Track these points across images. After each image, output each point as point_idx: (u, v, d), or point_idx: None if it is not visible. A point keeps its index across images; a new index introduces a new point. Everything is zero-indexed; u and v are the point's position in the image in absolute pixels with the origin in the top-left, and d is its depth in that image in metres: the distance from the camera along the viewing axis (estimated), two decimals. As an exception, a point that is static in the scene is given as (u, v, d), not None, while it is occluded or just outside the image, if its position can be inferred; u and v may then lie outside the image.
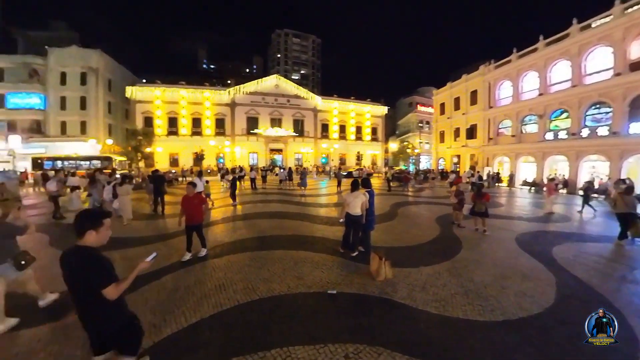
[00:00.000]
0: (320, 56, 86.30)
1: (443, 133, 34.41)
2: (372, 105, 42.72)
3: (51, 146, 29.90)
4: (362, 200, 5.27)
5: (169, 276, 4.51)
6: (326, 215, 9.34)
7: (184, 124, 34.90)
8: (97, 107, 32.24)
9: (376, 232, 7.32)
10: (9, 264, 3.28)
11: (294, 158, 39.27)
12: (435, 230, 7.55)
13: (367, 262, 4.85)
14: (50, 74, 31.16)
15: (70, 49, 31.85)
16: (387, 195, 15.16)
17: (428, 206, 11.86)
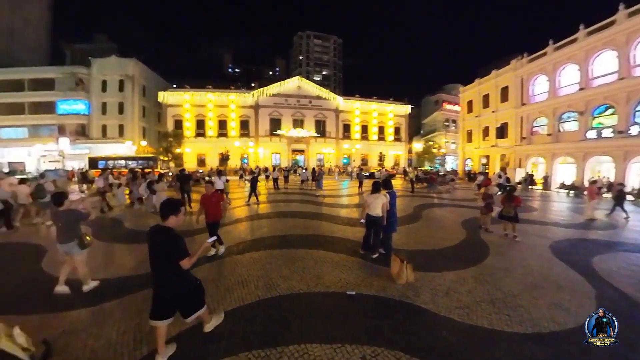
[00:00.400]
0: (341, 56, 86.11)
1: (470, 132, 32.83)
2: (395, 105, 41.84)
3: (94, 147, 32.81)
4: (383, 202, 5.21)
5: (196, 269, 4.73)
6: (347, 216, 9.30)
7: (210, 126, 36.44)
8: (133, 112, 34.82)
9: (398, 234, 7.16)
10: (75, 242, 3.93)
11: (315, 158, 39.45)
12: (460, 234, 7.25)
13: (387, 264, 4.77)
14: (93, 82, 34.13)
15: (110, 59, 34.65)
16: (410, 197, 14.77)
17: (454, 209, 11.39)
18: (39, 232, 7.49)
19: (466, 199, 14.52)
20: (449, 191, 17.97)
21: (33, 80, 33.91)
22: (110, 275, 4.60)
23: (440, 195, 16.18)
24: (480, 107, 30.91)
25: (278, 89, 37.94)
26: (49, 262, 5.13)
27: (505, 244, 6.54)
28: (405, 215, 9.62)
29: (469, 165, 33.27)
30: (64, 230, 3.92)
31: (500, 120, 27.57)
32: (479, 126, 31.05)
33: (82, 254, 4.03)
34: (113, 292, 3.99)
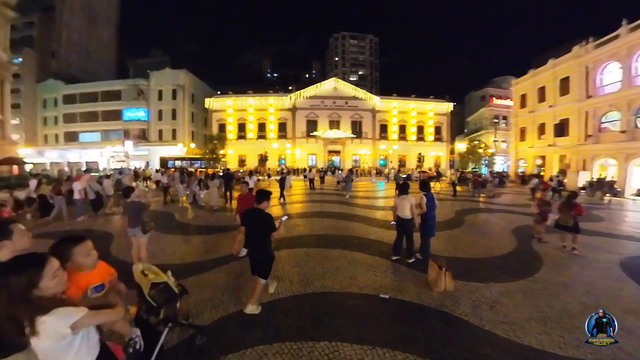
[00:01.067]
0: (378, 55, 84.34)
1: (524, 130, 29.63)
2: (435, 103, 39.73)
3: (152, 149, 37.24)
4: (411, 202, 5.13)
5: (235, 263, 5.08)
6: (382, 219, 9.14)
7: (250, 129, 38.44)
8: (184, 117, 38.46)
9: (437, 240, 6.83)
10: (139, 228, 4.65)
11: (351, 159, 39.22)
12: (509, 243, 6.63)
13: (424, 270, 4.60)
14: (151, 92, 38.47)
15: (165, 71, 38.75)
16: (451, 201, 13.94)
17: (502, 215, 10.45)
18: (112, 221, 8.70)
19: (517, 204, 13.25)
20: (495, 195, 16.48)
21: (104, 92, 39.47)
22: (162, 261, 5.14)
23: (487, 199, 14.99)
24: (535, 102, 27.72)
25: (314, 91, 38.54)
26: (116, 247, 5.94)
27: (562, 256, 5.82)
28: (445, 220, 9.12)
29: (522, 166, 30.18)
30: (131, 217, 4.69)
31: (560, 116, 24.50)
32: (533, 123, 27.86)
33: (144, 238, 4.71)
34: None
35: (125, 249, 5.44)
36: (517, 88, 30.87)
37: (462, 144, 40.59)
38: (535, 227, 7.15)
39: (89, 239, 1.98)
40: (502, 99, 40.73)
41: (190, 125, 39.71)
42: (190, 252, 5.86)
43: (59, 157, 39.74)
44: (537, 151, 27.53)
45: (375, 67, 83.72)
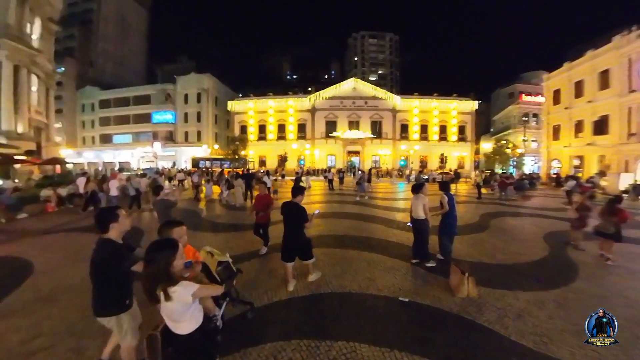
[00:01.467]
0: (398, 54, 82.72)
1: (558, 128, 27.77)
2: (459, 101, 38.33)
3: (178, 150, 39.26)
4: (424, 203, 5.03)
5: (256, 260, 5.24)
6: (402, 220, 8.99)
7: (270, 130, 39.24)
8: (208, 120, 40.11)
9: (460, 243, 6.62)
10: None
11: (371, 160, 38.83)
12: (541, 250, 6.24)
13: (446, 274, 4.47)
14: (178, 96, 40.49)
15: (190, 76, 40.62)
16: (476, 204, 13.41)
17: (533, 219, 9.88)
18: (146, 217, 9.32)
19: (550, 207, 12.48)
20: (509, 200, 15.44)
21: (135, 97, 42.15)
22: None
23: (515, 202, 14.23)
24: (570, 97, 25.89)
25: (333, 91, 38.61)
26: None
27: (601, 266, 5.39)
28: (469, 223, 8.81)
29: (556, 167, 28.30)
30: (160, 213, 4.95)
31: (599, 112, 22.71)
32: (569, 120, 26.02)
33: None
34: None
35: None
36: (549, 83, 29.07)
37: (488, 144, 38.81)
38: (572, 233, 6.67)
39: (184, 223, 2.52)
40: (532, 96, 38.47)
41: (213, 127, 41.30)
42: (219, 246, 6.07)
43: (95, 157, 42.97)
44: (573, 151, 25.69)
45: (396, 66, 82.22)
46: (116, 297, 2.25)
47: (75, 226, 8.40)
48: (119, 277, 2.23)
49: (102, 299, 2.24)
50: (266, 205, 5.70)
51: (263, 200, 5.76)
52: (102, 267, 2.19)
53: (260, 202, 5.75)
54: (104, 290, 2.23)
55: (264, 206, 5.70)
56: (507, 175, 19.81)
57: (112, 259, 2.17)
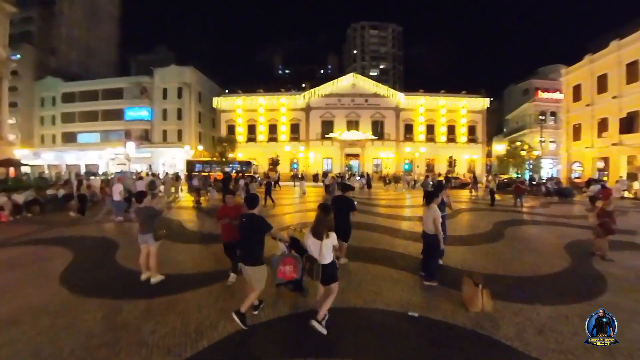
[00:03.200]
0: (402, 46, 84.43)
1: (578, 127, 28.48)
2: (468, 98, 39.13)
3: (155, 151, 38.96)
4: (434, 216, 4.91)
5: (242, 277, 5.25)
6: (409, 230, 9.11)
7: (261, 131, 39.43)
8: (190, 117, 40.02)
9: (473, 254, 6.77)
10: (150, 235, 4.92)
11: (372, 164, 39.20)
12: (562, 260, 6.38)
13: (458, 287, 4.54)
14: (155, 90, 40.26)
15: (170, 68, 40.50)
16: (489, 211, 13.65)
17: (552, 227, 10.08)
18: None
19: (571, 215, 12.77)
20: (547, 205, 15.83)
21: (105, 91, 41.68)
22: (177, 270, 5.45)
23: (534, 209, 14.52)
24: (593, 93, 26.51)
25: (330, 88, 39.03)
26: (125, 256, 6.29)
27: (631, 278, 5.50)
28: (482, 232, 8.98)
29: (577, 170, 28.91)
30: (143, 223, 4.98)
31: (627, 108, 23.10)
32: (591, 118, 26.63)
33: (155, 245, 4.98)
34: (177, 286, 4.81)
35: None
36: (568, 78, 29.80)
37: (501, 146, 39.56)
38: (596, 241, 6.85)
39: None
40: (549, 92, 39.28)
41: (197, 126, 41.24)
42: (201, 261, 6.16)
43: (56, 159, 41.95)
44: (597, 152, 26.17)
45: (399, 60, 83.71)
46: (261, 253, 3.67)
47: (36, 238, 8.15)
48: (263, 238, 3.67)
49: (257, 253, 3.63)
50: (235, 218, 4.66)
51: (231, 213, 4.81)
52: (257, 232, 3.62)
53: (227, 214, 4.83)
54: (257, 248, 3.62)
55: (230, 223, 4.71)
56: (522, 180, 20.22)
57: (263, 226, 3.65)
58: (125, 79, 42.51)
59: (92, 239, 8.04)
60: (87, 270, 5.62)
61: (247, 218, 3.71)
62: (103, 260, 6.23)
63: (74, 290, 4.66)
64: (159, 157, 38.62)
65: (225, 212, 4.84)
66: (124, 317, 3.83)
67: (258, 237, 3.62)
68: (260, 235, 3.63)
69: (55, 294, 4.55)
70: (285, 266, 4.16)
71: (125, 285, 4.91)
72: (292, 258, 4.21)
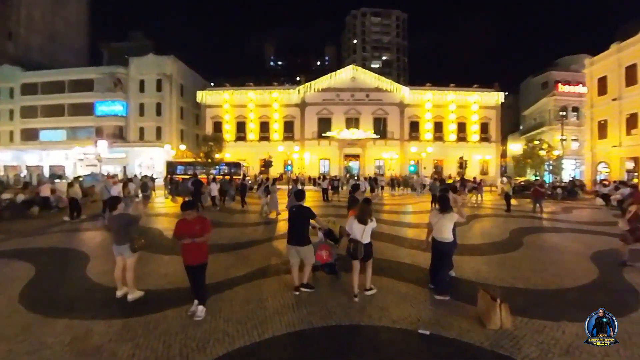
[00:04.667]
0: (406, 35, 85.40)
1: (604, 123, 28.82)
2: (481, 93, 39.61)
3: (131, 151, 38.61)
4: (454, 221, 5.09)
5: (241, 287, 5.29)
6: (416, 238, 9.17)
7: (251, 129, 39.52)
8: (171, 113, 39.94)
9: (489, 264, 6.84)
10: (127, 246, 4.82)
11: (373, 165, 39.44)
12: (589, 272, 6.43)
13: (472, 301, 4.57)
14: (131, 82, 40.07)
15: (147, 57, 40.40)
16: (504, 217, 13.78)
17: (576, 235, 10.19)
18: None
19: (597, 221, 12.92)
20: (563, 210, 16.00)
21: (73, 82, 41.01)
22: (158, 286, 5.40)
23: (554, 215, 14.68)
24: (621, 85, 26.85)
25: (328, 82, 39.31)
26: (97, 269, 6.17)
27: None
28: (498, 241, 9.13)
29: (603, 172, 29.26)
30: (118, 232, 4.89)
31: (660, 103, 23.47)
32: (619, 114, 26.98)
33: (133, 257, 4.90)
34: (158, 303, 4.73)
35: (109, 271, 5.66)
36: (592, 69, 30.12)
37: (517, 145, 39.98)
38: (622, 249, 6.92)
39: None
40: (571, 85, 39.85)
41: (179, 123, 41.18)
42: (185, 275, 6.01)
43: (13, 159, 41.12)
44: (625, 151, 26.46)
45: (404, 50, 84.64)
46: (308, 235, 5.08)
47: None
48: (309, 224, 5.17)
49: (306, 235, 5.03)
50: (199, 231, 4.24)
51: (194, 226, 4.26)
52: (305, 219, 5.06)
53: (188, 229, 4.24)
54: (305, 231, 5.07)
55: (193, 235, 4.22)
56: (540, 183, 20.43)
57: (309, 214, 5.06)
58: (96, 69, 42.11)
59: (58, 250, 7.94)
60: (53, 287, 5.52)
61: (297, 208, 5.17)
62: (72, 274, 6.14)
63: (37, 310, 4.53)
64: (134, 158, 38.29)
65: (186, 228, 4.23)
66: (97, 340, 3.75)
67: (305, 223, 5.10)
68: (307, 221, 5.11)
69: (13, 315, 4.44)
70: (322, 251, 5.49)
71: (98, 303, 4.82)
72: (327, 245, 5.62)
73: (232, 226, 11.18)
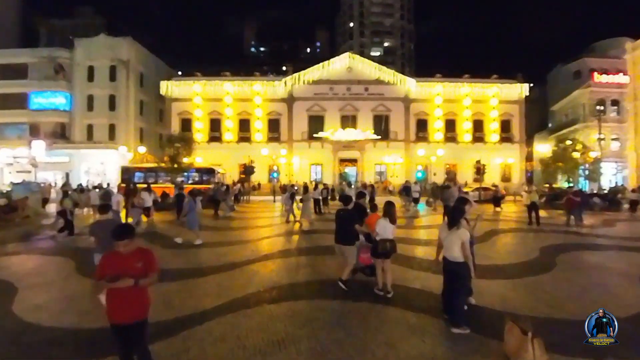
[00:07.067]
0: (412, 18, 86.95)
1: (651, 119, 29.79)
2: (501, 85, 40.62)
3: (76, 154, 37.41)
4: (463, 239, 5.07)
5: (215, 321, 5.14)
6: (426, 258, 9.20)
7: (228, 128, 39.62)
8: (128, 107, 39.51)
9: (515, 290, 6.92)
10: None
11: (373, 171, 39.89)
12: (636, 298, 6.51)
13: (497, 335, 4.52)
14: (77, 68, 39.48)
15: (98, 39, 40.06)
16: (529, 232, 14.03)
17: (620, 254, 10.39)
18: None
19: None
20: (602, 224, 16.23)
21: (1, 67, 39.68)
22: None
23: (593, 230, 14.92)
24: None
25: (320, 73, 39.85)
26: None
27: None
28: (525, 260, 9.28)
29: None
30: (101, 241, 5.07)
31: None
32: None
33: None
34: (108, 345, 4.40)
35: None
36: (635, 55, 31.17)
37: (546, 146, 40.59)
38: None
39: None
40: (609, 74, 40.59)
41: (138, 120, 40.88)
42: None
43: None
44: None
45: (409, 35, 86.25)
46: (353, 236, 6.66)
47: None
48: (355, 226, 6.64)
49: (352, 236, 6.61)
50: (139, 271, 3.24)
51: (129, 262, 3.24)
52: (353, 221, 6.65)
53: (120, 267, 3.20)
54: (351, 232, 6.60)
55: (129, 289, 3.17)
56: (575, 191, 20.78)
57: (357, 217, 6.79)
58: (31, 52, 41.09)
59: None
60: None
61: (344, 212, 6.93)
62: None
63: None
64: (80, 163, 37.48)
65: (119, 265, 3.20)
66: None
67: (352, 226, 6.61)
68: (354, 223, 6.63)
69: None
70: (365, 254, 6.67)
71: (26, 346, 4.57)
72: (369, 247, 6.55)
73: (202, 246, 11.01)
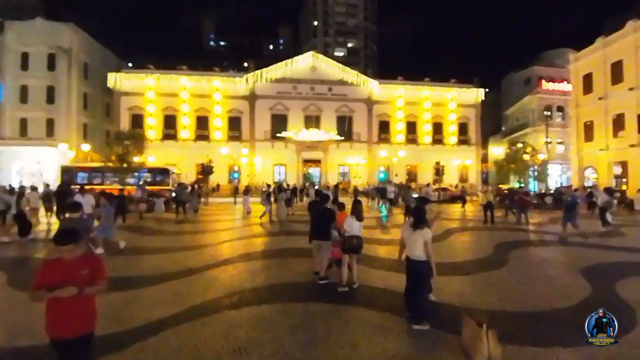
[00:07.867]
0: (376, 19, 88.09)
1: (591, 125, 31.86)
2: (459, 89, 42.29)
3: (5, 152, 34.60)
4: (426, 238, 5.20)
5: (170, 331, 4.94)
6: (389, 257, 9.35)
7: (185, 125, 38.42)
8: (69, 101, 37.15)
9: (472, 285, 7.19)
10: None
11: (337, 172, 40.16)
12: (581, 289, 6.95)
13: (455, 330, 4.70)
14: (8, 55, 36.58)
15: (34, 23, 37.13)
16: (485, 230, 14.64)
17: (566, 249, 11.10)
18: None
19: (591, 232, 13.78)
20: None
21: None
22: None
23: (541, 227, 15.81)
24: (606, 83, 29.87)
25: (283, 70, 39.59)
26: None
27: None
28: (481, 257, 9.66)
29: (591, 178, 32.04)
30: None
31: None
32: (605, 114, 29.96)
33: None
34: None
35: None
36: (578, 65, 33.00)
37: (499, 148, 42.51)
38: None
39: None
40: (556, 82, 43.55)
41: (81, 115, 38.67)
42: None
43: None
44: (612, 155, 29.09)
45: (373, 36, 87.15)
46: (329, 232, 7.18)
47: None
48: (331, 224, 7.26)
49: (328, 233, 7.14)
50: (85, 278, 2.96)
51: (76, 269, 2.96)
52: (329, 220, 7.27)
53: (66, 276, 2.87)
54: (326, 229, 7.17)
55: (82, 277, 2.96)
56: (526, 191, 22.02)
57: (333, 216, 7.36)
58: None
59: None
60: None
61: (323, 210, 7.54)
62: None
63: None
64: (12, 161, 34.92)
65: (62, 273, 2.90)
66: None
67: (328, 223, 7.18)
68: (332, 221, 7.21)
69: None
70: (336, 248, 7.16)
71: None
72: (340, 242, 7.10)
73: (159, 252, 10.63)
